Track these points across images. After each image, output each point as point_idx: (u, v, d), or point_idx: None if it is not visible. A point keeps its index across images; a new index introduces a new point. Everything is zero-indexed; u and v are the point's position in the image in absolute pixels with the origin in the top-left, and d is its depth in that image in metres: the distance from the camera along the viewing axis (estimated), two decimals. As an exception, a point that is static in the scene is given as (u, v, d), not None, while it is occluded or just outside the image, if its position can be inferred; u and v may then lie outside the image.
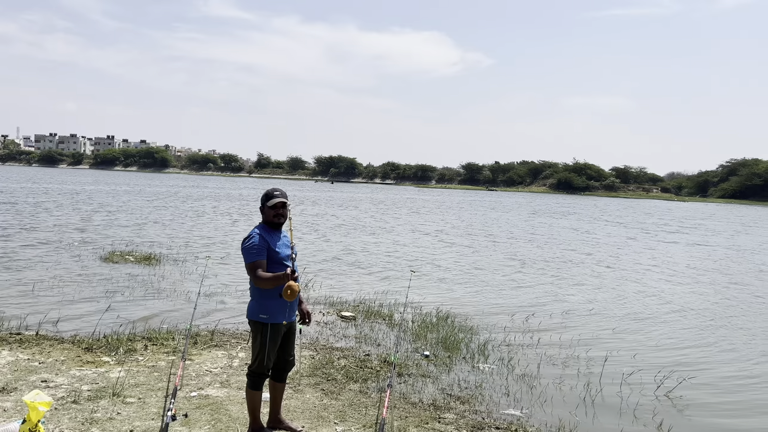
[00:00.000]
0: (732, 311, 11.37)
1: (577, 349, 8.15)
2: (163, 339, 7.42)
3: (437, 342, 8.06)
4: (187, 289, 10.65)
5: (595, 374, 7.13)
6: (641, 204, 78.99)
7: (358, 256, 16.41)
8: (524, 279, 14.00)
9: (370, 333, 8.45)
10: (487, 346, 8.06)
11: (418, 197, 68.82)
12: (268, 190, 4.66)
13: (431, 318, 9.39)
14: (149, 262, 13.40)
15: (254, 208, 34.23)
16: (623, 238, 26.68)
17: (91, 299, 9.67)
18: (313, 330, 8.42)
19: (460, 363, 7.30)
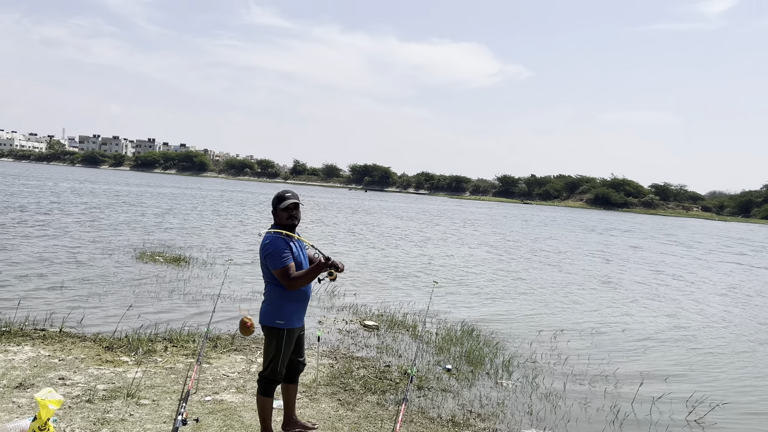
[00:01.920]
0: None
1: (605, 369, 7.85)
2: (184, 341, 7.40)
3: (461, 356, 7.87)
4: (212, 292, 10.65)
5: (624, 396, 6.84)
6: (687, 222, 77.05)
7: (391, 265, 16.27)
8: (553, 295, 13.65)
9: (393, 343, 8.30)
10: (512, 362, 7.83)
11: (462, 209, 68.36)
12: (280, 192, 4.56)
13: (456, 331, 9.19)
14: (178, 264, 13.49)
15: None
16: (678, 257, 25.95)
17: (117, 298, 9.74)
18: (335, 338, 8.31)
19: (483, 378, 7.09)
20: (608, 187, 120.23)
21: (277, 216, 4.50)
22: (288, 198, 4.45)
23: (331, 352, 7.58)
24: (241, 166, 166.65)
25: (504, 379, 7.13)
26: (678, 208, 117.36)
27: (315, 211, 40.27)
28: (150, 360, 6.58)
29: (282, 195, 4.49)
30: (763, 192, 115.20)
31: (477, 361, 7.63)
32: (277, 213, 4.50)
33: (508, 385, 6.90)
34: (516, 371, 7.48)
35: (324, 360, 7.16)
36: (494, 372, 7.34)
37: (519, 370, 7.53)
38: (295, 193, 4.53)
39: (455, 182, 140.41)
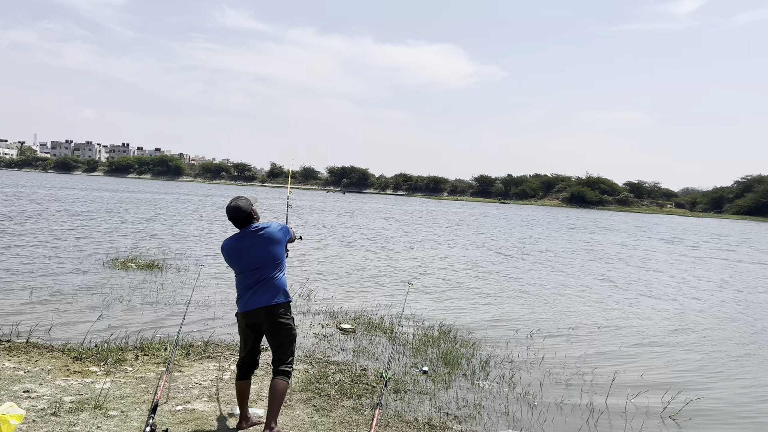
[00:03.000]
0: (744, 330, 11.00)
1: (582, 368, 7.87)
2: (155, 349, 7.23)
3: (437, 357, 7.82)
4: (186, 299, 10.48)
5: (600, 394, 6.85)
6: (662, 219, 78.11)
7: (370, 267, 16.19)
8: (536, 293, 13.69)
9: (369, 346, 8.22)
10: (489, 362, 7.81)
11: (443, 209, 68.49)
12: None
13: (433, 332, 9.15)
14: (152, 270, 13.27)
15: (271, 215, 34.21)
16: (663, 254, 26.21)
17: (87, 307, 9.52)
18: (310, 343, 8.21)
19: (460, 379, 7.05)
20: (584, 186, 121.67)
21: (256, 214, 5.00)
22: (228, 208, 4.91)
23: (306, 357, 7.48)
24: (217, 170, 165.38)
25: (481, 379, 7.10)
26: (652, 205, 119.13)
27: (301, 214, 40.03)
28: (120, 370, 6.42)
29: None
30: (734, 188, 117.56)
31: (454, 362, 7.59)
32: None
33: (485, 386, 6.87)
34: (493, 371, 7.45)
35: (299, 365, 7.06)
36: (471, 373, 7.31)
37: (496, 371, 7.51)
38: (234, 203, 4.85)
39: (433, 183, 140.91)
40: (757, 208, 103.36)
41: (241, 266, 4.82)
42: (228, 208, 4.85)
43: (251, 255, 4.77)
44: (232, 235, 4.93)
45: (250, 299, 4.77)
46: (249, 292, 4.79)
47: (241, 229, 4.85)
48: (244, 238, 4.81)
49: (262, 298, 4.73)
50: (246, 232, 4.82)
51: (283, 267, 4.91)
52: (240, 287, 4.88)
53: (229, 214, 4.84)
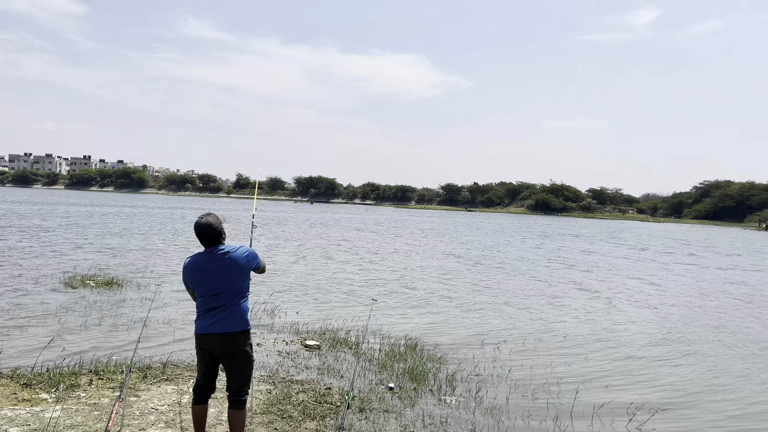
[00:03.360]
0: (711, 337, 11.15)
1: (547, 379, 7.85)
2: (111, 373, 6.97)
3: (404, 372, 7.71)
4: (147, 317, 10.16)
5: (565, 406, 6.82)
6: (626, 225, 79.51)
7: (336, 281, 16.01)
8: (504, 304, 13.69)
9: (334, 364, 8.07)
10: (456, 376, 7.73)
11: (414, 218, 68.48)
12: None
13: (399, 346, 9.04)
14: (110, 287, 12.88)
15: (236, 228, 33.69)
16: (628, 259, 26.52)
17: (40, 328, 9.15)
18: (273, 361, 8.02)
19: (426, 395, 6.95)
20: (548, 193, 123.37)
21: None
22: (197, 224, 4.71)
23: (269, 377, 7.29)
24: (182, 182, 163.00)
25: (447, 395, 7.01)
26: (615, 211, 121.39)
27: (268, 226, 39.60)
28: (72, 396, 6.15)
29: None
30: (692, 193, 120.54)
31: (420, 378, 7.50)
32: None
33: (451, 402, 6.78)
34: (459, 386, 7.37)
35: (261, 386, 6.87)
36: (437, 388, 7.21)
37: (462, 385, 7.43)
38: (205, 220, 4.67)
39: (401, 192, 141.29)
40: (715, 213, 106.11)
41: (202, 290, 4.66)
42: (198, 225, 4.67)
43: (213, 279, 4.61)
44: (196, 254, 4.75)
45: (208, 324, 4.61)
46: (207, 315, 4.63)
47: (207, 247, 4.68)
48: (209, 260, 4.64)
49: (220, 324, 4.58)
50: (212, 253, 4.64)
51: (245, 294, 4.75)
52: (199, 309, 4.72)
53: (198, 231, 4.66)
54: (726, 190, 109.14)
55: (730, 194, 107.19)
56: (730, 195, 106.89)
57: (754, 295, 16.96)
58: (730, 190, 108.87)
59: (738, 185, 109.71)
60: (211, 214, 4.77)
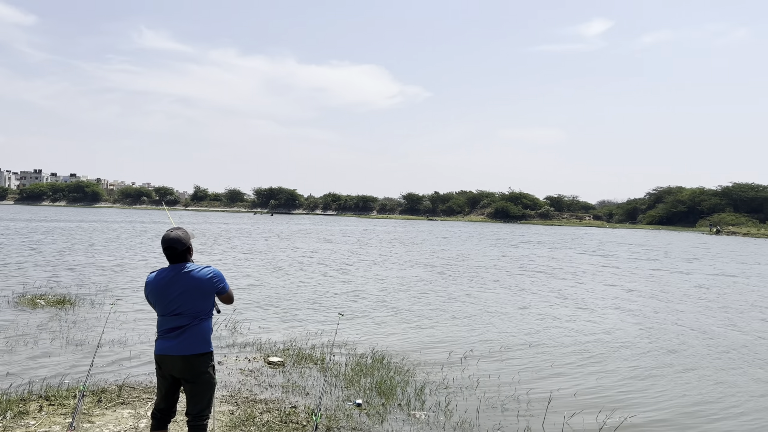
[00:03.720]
0: (675, 342, 11.28)
1: (517, 390, 7.77)
2: (63, 398, 6.60)
3: (371, 387, 7.53)
4: (101, 337, 9.73)
5: (536, 417, 6.74)
6: (584, 231, 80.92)
7: (298, 294, 15.71)
8: (470, 312, 13.62)
9: (299, 380, 7.83)
10: (425, 389, 7.58)
11: (377, 228, 68.20)
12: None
13: (366, 360, 8.86)
14: (62, 306, 12.34)
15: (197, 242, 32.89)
16: (591, 265, 26.78)
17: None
18: (236, 380, 7.74)
19: (395, 411, 6.78)
20: (507, 201, 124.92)
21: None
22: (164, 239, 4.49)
23: (231, 397, 7.01)
24: (137, 195, 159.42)
25: (417, 409, 6.86)
26: (572, 217, 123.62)
27: (230, 239, 38.89)
28: (20, 425, 5.78)
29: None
30: (646, 199, 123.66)
31: (388, 393, 7.33)
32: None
33: (421, 417, 6.63)
34: (428, 399, 7.23)
35: (223, 407, 6.60)
36: (406, 403, 7.05)
37: (431, 398, 7.29)
38: (174, 234, 4.46)
39: (362, 202, 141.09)
40: (668, 218, 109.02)
41: (162, 308, 4.42)
42: (166, 239, 4.44)
43: (175, 299, 4.37)
44: (160, 270, 4.51)
45: (168, 345, 4.37)
46: (167, 336, 4.40)
47: (172, 263, 4.46)
48: (172, 278, 4.40)
49: (180, 346, 4.34)
50: (176, 271, 4.41)
51: (208, 314, 4.52)
52: (159, 328, 4.48)
53: (166, 245, 4.43)
54: (678, 196, 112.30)
55: (681, 200, 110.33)
56: (682, 201, 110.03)
57: (722, 298, 17.30)
58: (681, 195, 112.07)
59: (689, 191, 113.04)
60: (181, 228, 4.56)
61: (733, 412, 7.28)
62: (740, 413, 7.25)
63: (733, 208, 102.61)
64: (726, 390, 8.15)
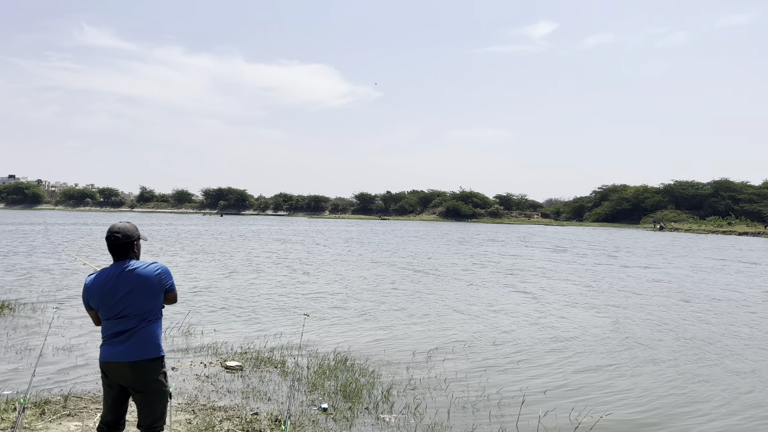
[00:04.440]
0: (647, 337, 11.33)
1: (486, 389, 7.58)
2: (2, 411, 6.05)
3: (336, 391, 7.22)
4: (43, 344, 9.09)
5: (508, 417, 6.56)
6: (533, 229, 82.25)
7: (256, 295, 15.21)
8: (431, 310, 13.42)
9: (260, 385, 7.45)
10: (392, 391, 7.31)
11: (331, 228, 67.48)
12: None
13: (329, 362, 8.53)
14: (1, 312, 11.55)
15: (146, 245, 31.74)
16: (549, 261, 26.95)
17: None
18: (192, 386, 7.30)
19: (363, 415, 6.49)
20: (458, 200, 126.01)
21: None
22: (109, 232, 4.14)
23: (188, 405, 6.59)
24: (81, 196, 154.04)
25: (385, 412, 6.58)
26: (521, 216, 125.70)
27: (181, 240, 37.73)
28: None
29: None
30: (592, 197, 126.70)
31: (354, 396, 7.03)
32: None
33: (390, 420, 6.36)
34: (397, 402, 6.96)
35: (180, 415, 6.17)
36: (374, 406, 6.77)
37: (400, 400, 7.02)
38: (121, 224, 4.17)
39: (314, 202, 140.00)
40: (613, 215, 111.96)
41: (106, 312, 4.03)
42: (112, 230, 4.09)
43: (120, 300, 4.01)
44: (100, 271, 4.11)
45: (114, 351, 3.99)
46: (113, 341, 4.01)
47: (116, 260, 4.10)
48: (115, 278, 4.03)
49: (128, 351, 3.97)
50: (120, 269, 4.06)
51: (156, 315, 4.17)
52: (104, 333, 4.09)
53: (111, 237, 4.08)
54: (622, 194, 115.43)
55: (626, 197, 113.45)
56: (627, 198, 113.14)
57: (682, 292, 17.61)
58: (626, 193, 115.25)
59: (633, 189, 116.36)
60: (130, 222, 4.20)
61: (708, 408, 7.27)
62: (721, 407, 7.25)
63: (674, 205, 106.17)
64: (703, 384, 8.15)
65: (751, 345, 10.56)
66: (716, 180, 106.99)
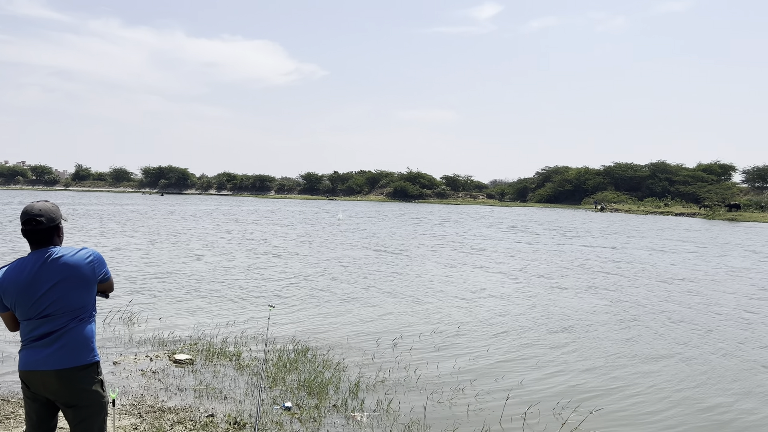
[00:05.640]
0: (635, 323, 11.09)
1: (460, 381, 7.10)
2: None
3: (299, 386, 6.59)
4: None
5: (489, 412, 6.09)
6: (479, 210, 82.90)
7: (205, 278, 14.29)
8: (390, 294, 12.87)
9: (213, 381, 6.74)
10: (360, 385, 6.74)
11: (284, 207, 65.86)
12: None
13: (288, 353, 7.88)
14: None
15: (78, 225, 30.00)
16: (507, 242, 26.71)
17: None
18: (137, 384, 6.53)
19: (331, 414, 5.89)
20: (405, 181, 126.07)
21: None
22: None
23: (133, 406, 5.84)
24: (11, 174, 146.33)
25: (356, 410, 6.00)
26: (467, 196, 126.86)
27: (116, 218, 35.86)
28: None
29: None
30: (535, 179, 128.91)
31: (320, 391, 6.42)
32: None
33: (362, 419, 5.78)
34: (367, 397, 6.39)
35: (124, 420, 5.43)
36: (342, 403, 6.18)
37: (370, 396, 6.46)
38: (37, 206, 3.35)
39: (259, 181, 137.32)
40: (556, 196, 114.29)
41: (26, 310, 3.26)
42: (26, 213, 3.30)
43: (44, 296, 3.25)
44: (15, 262, 3.33)
45: (37, 357, 3.25)
46: (36, 345, 3.27)
47: (36, 247, 3.32)
48: (36, 268, 3.26)
49: (54, 357, 3.25)
50: (42, 258, 3.28)
51: (89, 313, 3.42)
52: (24, 337, 3.32)
53: (26, 221, 3.30)
54: (564, 175, 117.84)
55: (568, 179, 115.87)
56: (569, 179, 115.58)
57: (657, 274, 17.63)
58: (568, 175, 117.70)
59: (575, 170, 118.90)
60: (49, 201, 3.41)
61: (707, 393, 7.00)
62: (721, 392, 6.99)
63: (614, 186, 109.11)
64: (701, 368, 7.91)
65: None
66: (653, 162, 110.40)
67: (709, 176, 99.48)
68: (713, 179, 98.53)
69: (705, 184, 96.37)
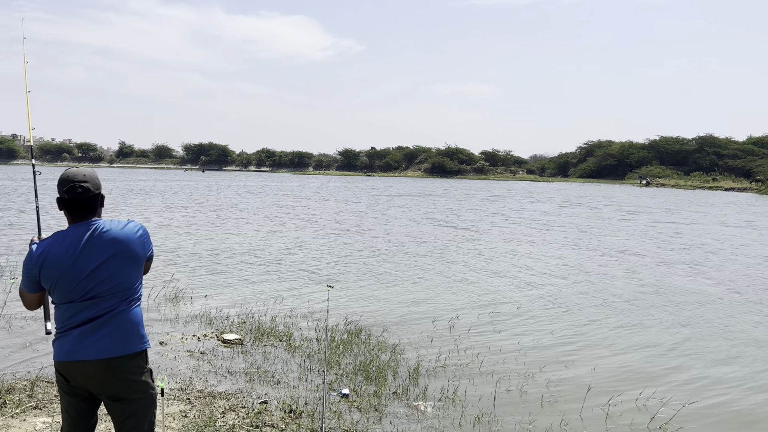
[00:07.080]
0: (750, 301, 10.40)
1: (529, 367, 6.54)
2: (-50, 405, 4.91)
3: (355, 370, 6.15)
4: (1, 314, 7.91)
5: (568, 404, 5.54)
6: (521, 185, 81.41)
7: (252, 253, 14.02)
8: (446, 273, 12.37)
9: (264, 364, 6.35)
10: (420, 370, 6.26)
11: (330, 184, 65.89)
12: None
13: (340, 334, 7.46)
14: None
15: (121, 202, 30.27)
16: (569, 217, 25.95)
17: None
18: (185, 366, 6.18)
19: (392, 402, 5.44)
20: (443, 156, 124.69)
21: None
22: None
23: (182, 391, 5.48)
24: (58, 151, 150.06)
25: (419, 399, 5.53)
26: (506, 172, 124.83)
27: (197, 194, 36.19)
28: None
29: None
30: (577, 153, 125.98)
31: (378, 377, 5.97)
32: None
33: (426, 410, 5.31)
34: (430, 385, 5.90)
35: (173, 407, 5.07)
36: (403, 390, 5.71)
37: (432, 383, 5.97)
38: (78, 172, 2.94)
39: (297, 158, 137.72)
40: (598, 171, 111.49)
41: (69, 292, 2.83)
42: (68, 179, 2.87)
43: (88, 276, 2.82)
44: (54, 235, 2.91)
45: (80, 345, 2.83)
46: (78, 332, 2.83)
47: (77, 219, 2.88)
48: (81, 245, 2.82)
49: (102, 344, 2.82)
50: (86, 232, 2.84)
51: (137, 296, 2.99)
52: (63, 322, 2.88)
53: (69, 189, 2.86)
54: (608, 150, 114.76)
55: (611, 153, 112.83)
56: (612, 154, 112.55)
57: (737, 249, 16.75)
58: (611, 149, 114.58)
59: (618, 144, 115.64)
60: (87, 169, 2.96)
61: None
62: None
63: (659, 161, 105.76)
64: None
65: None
66: (701, 136, 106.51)
67: (760, 150, 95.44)
68: (765, 153, 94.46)
69: (756, 158, 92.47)
